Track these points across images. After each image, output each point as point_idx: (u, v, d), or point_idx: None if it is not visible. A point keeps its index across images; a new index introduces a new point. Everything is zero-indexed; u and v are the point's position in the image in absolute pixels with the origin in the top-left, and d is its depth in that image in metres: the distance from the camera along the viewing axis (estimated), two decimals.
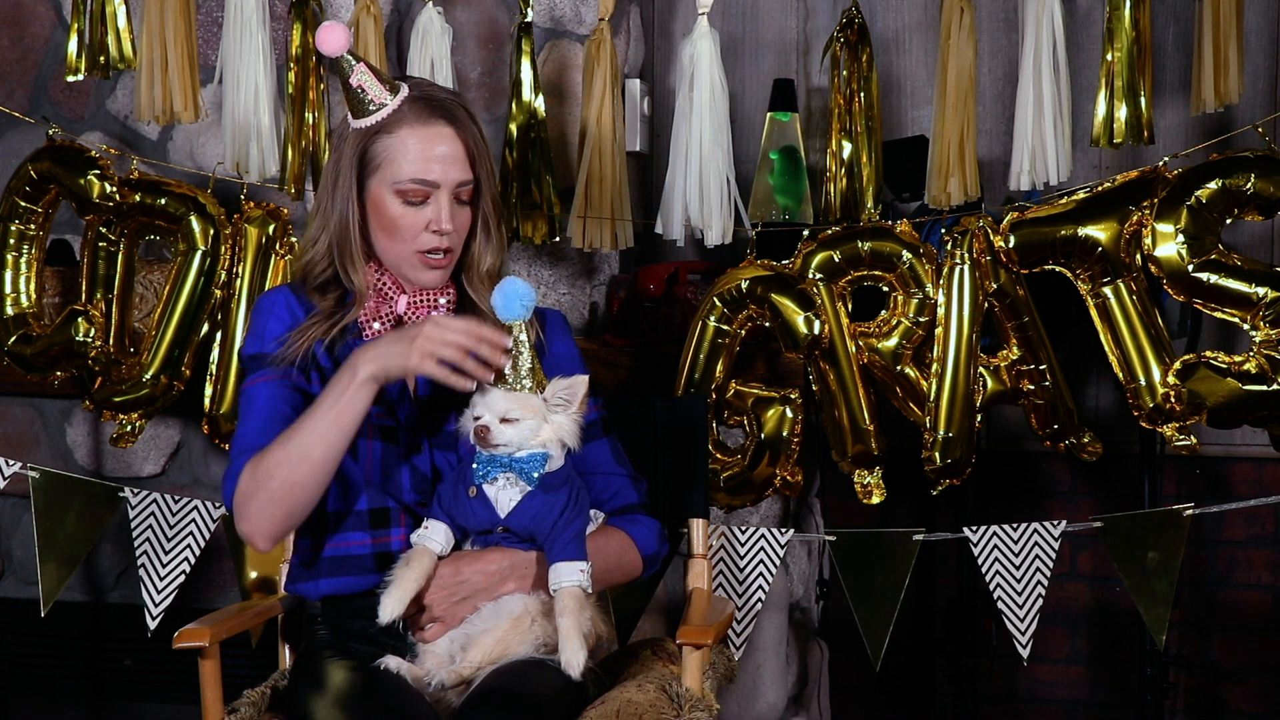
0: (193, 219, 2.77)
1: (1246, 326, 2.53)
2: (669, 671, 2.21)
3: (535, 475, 2.02)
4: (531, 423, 2.00)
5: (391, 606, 2.00)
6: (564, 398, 2.03)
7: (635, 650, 2.33)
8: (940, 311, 2.61)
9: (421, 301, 2.16)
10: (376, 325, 2.14)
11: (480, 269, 2.18)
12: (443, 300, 2.17)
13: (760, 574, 2.67)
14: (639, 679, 2.15)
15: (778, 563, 2.67)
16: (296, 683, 2.14)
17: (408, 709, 1.96)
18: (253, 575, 2.76)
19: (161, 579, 2.71)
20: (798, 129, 3.02)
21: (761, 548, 2.68)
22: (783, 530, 2.68)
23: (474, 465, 2.03)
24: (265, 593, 2.72)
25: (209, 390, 2.78)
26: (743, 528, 2.68)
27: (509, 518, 2.03)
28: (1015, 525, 2.62)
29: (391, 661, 2.04)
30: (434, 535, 2.06)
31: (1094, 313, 2.59)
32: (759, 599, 2.66)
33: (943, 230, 2.65)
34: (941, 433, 2.61)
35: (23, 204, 2.81)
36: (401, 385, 2.14)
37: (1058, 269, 2.61)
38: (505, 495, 2.03)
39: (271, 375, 2.10)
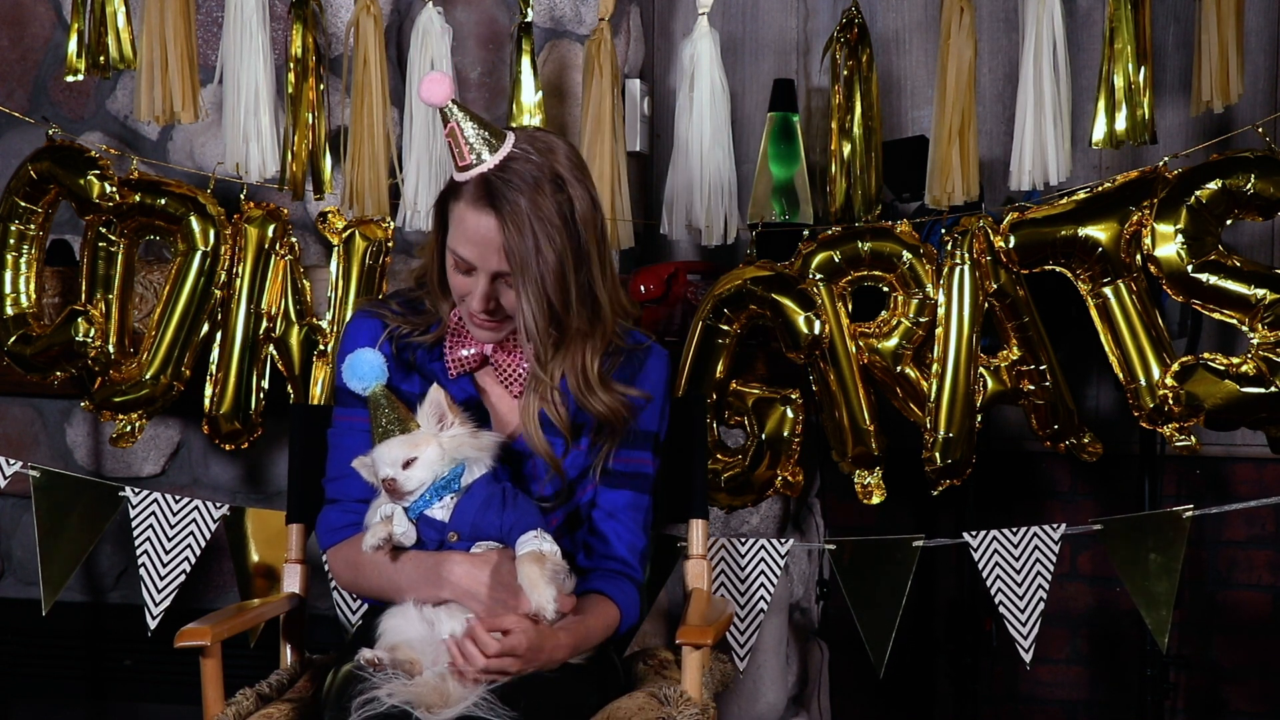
0: (193, 219, 2.76)
1: (1245, 328, 2.53)
2: (661, 679, 2.21)
3: (458, 485, 2.06)
4: (431, 451, 2.04)
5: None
6: (434, 416, 2.07)
7: (628, 664, 2.33)
8: (940, 312, 2.61)
9: (506, 341, 2.19)
10: (463, 353, 2.19)
11: (549, 380, 2.16)
12: (525, 345, 2.18)
13: (762, 584, 2.67)
14: (629, 690, 2.16)
15: (779, 571, 2.67)
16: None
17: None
18: (255, 566, 2.75)
19: (161, 579, 2.70)
20: (798, 129, 3.02)
21: (762, 558, 2.68)
22: (782, 540, 2.68)
23: (410, 513, 2.07)
24: (267, 581, 2.71)
25: (209, 390, 2.78)
26: (742, 540, 2.68)
27: (452, 522, 2.06)
28: (1015, 529, 2.62)
29: (366, 653, 2.03)
30: (397, 517, 2.09)
31: (1094, 313, 2.59)
32: (761, 608, 2.66)
33: (943, 230, 2.65)
34: (942, 433, 2.61)
35: (23, 204, 2.81)
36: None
37: (1058, 269, 2.61)
38: (441, 512, 2.07)
39: (359, 417, 2.18)
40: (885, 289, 2.66)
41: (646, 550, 2.23)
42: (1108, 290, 2.57)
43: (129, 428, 2.82)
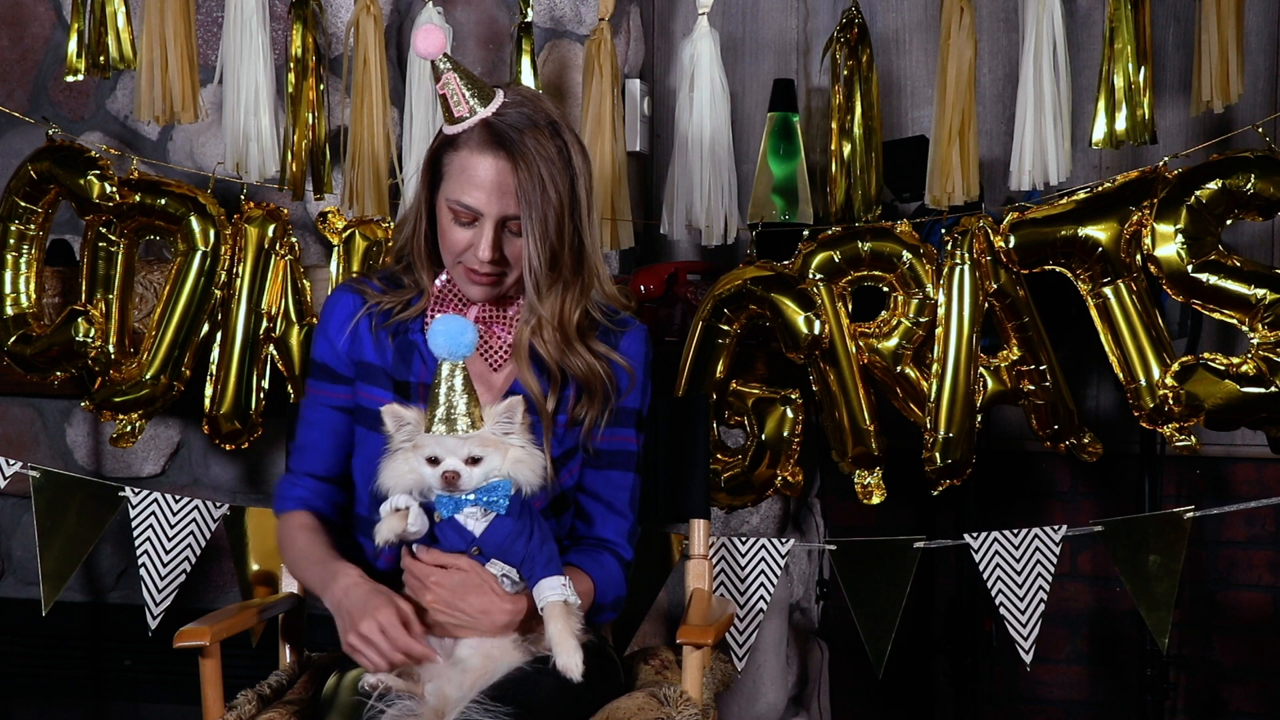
0: (193, 219, 2.76)
1: (1245, 328, 2.53)
2: (662, 679, 2.21)
3: (501, 501, 2.02)
4: (495, 457, 2.00)
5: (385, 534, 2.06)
6: (504, 421, 2.02)
7: (628, 663, 2.33)
8: (940, 312, 2.61)
9: (493, 315, 2.18)
10: None
11: (535, 312, 2.14)
12: (510, 315, 2.18)
13: (762, 583, 2.67)
14: (629, 690, 2.16)
15: (779, 571, 2.67)
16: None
17: None
18: (255, 568, 2.75)
19: (161, 579, 2.70)
20: (798, 129, 3.02)
21: (763, 557, 2.68)
22: (782, 540, 2.68)
23: (437, 506, 2.03)
24: (267, 587, 2.71)
25: (209, 390, 2.78)
26: (742, 539, 2.68)
27: (483, 537, 2.02)
28: (1016, 530, 2.62)
29: (370, 679, 2.03)
30: (413, 510, 2.06)
31: (1094, 313, 2.59)
32: (761, 608, 2.66)
33: (943, 230, 2.65)
34: (942, 433, 2.61)
35: (23, 204, 2.81)
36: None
37: (1058, 269, 2.61)
38: (472, 522, 2.03)
39: (328, 392, 2.21)
40: (885, 289, 2.66)
41: (634, 529, 2.23)
42: (1108, 290, 2.57)
43: (129, 428, 2.82)
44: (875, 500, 2.69)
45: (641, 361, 2.23)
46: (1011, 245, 2.59)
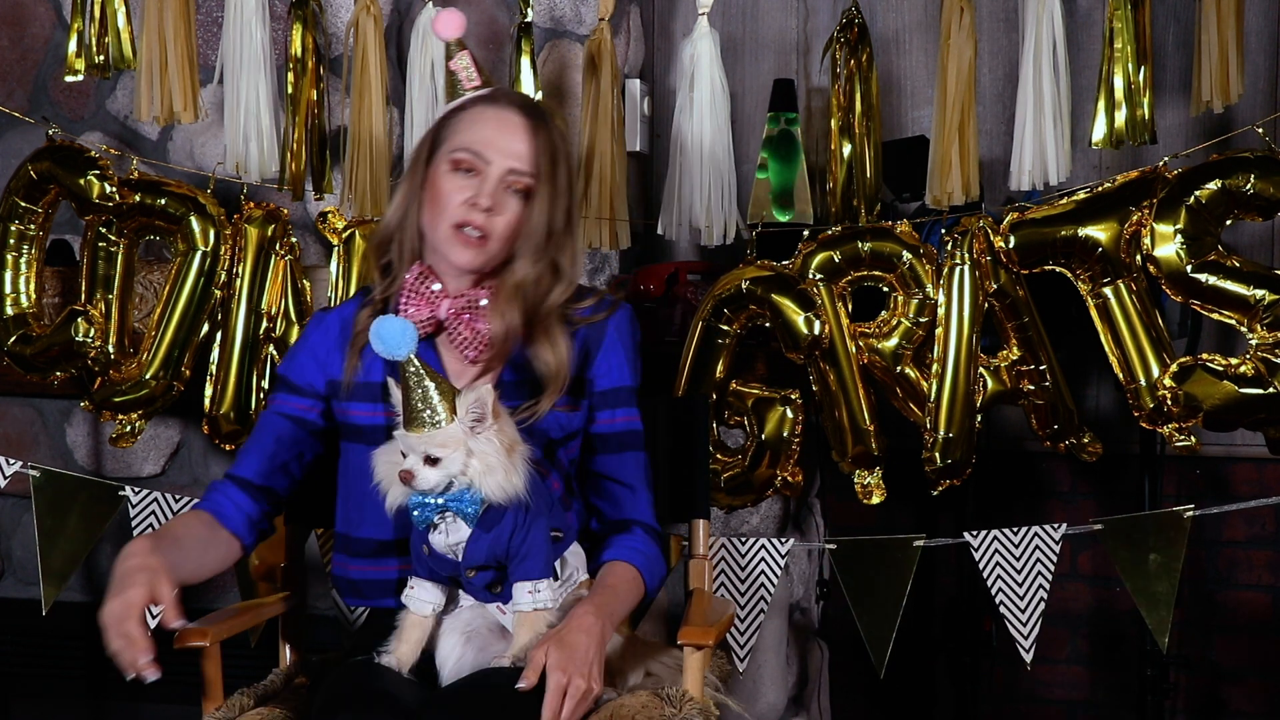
0: (193, 219, 2.77)
1: (1244, 329, 2.53)
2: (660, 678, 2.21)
3: (468, 513, 1.96)
4: (456, 456, 1.93)
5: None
6: (475, 412, 1.95)
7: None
8: (940, 312, 2.61)
9: (463, 307, 2.13)
10: (419, 315, 2.12)
11: (511, 278, 2.12)
12: (484, 303, 2.14)
13: (762, 584, 2.67)
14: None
15: (779, 571, 2.67)
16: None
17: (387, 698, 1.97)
18: (255, 559, 2.75)
19: None
20: (798, 129, 3.02)
21: (763, 558, 2.68)
22: (782, 540, 2.68)
23: (412, 512, 1.98)
24: (268, 581, 2.71)
25: (209, 390, 2.78)
26: (742, 539, 2.68)
27: (465, 560, 1.99)
28: (1015, 529, 2.62)
29: (388, 658, 2.03)
30: (422, 595, 2.04)
31: (1094, 313, 2.59)
32: (761, 608, 2.66)
33: (943, 230, 2.65)
34: (942, 433, 2.61)
35: (23, 204, 2.81)
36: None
37: (1058, 269, 2.61)
38: (454, 537, 1.98)
39: (280, 400, 2.18)
40: (885, 289, 2.66)
41: (653, 498, 2.20)
42: (1108, 290, 2.57)
43: (129, 428, 2.82)
44: (875, 500, 2.69)
45: (630, 340, 2.22)
46: (1011, 245, 2.59)
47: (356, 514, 2.16)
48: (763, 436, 2.68)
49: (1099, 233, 2.55)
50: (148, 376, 2.78)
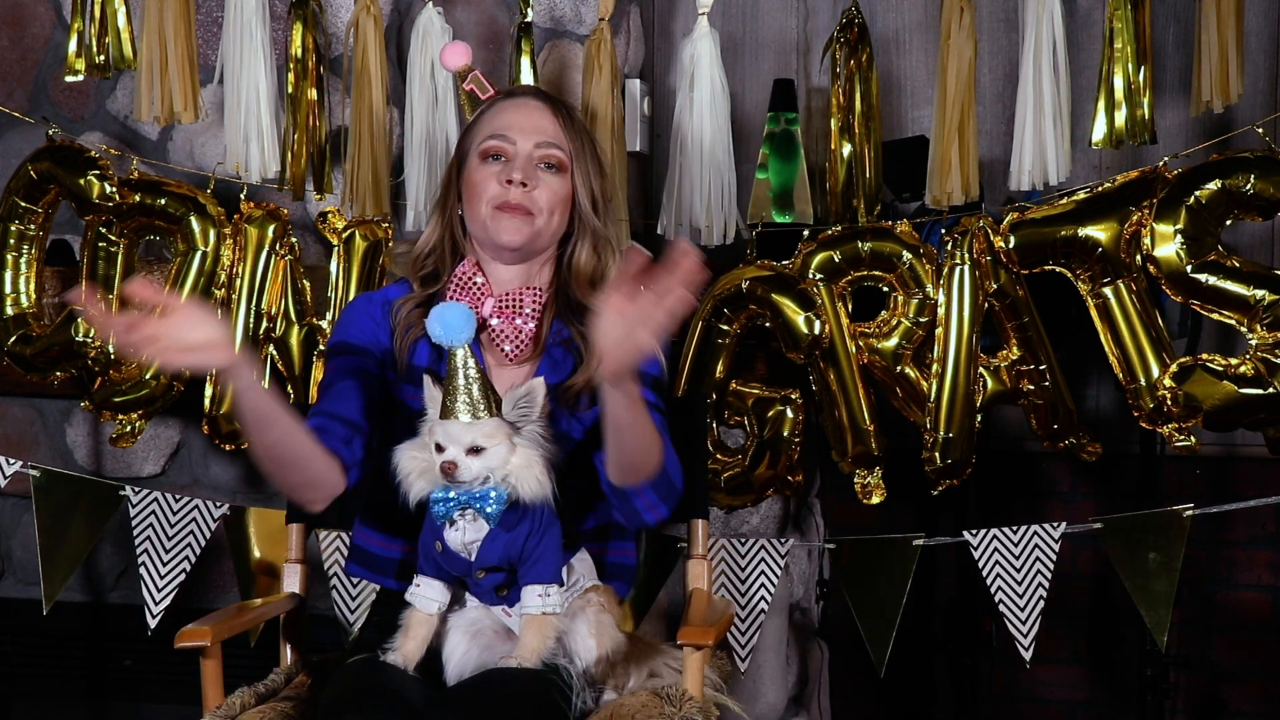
0: (193, 219, 2.77)
1: (1244, 329, 2.53)
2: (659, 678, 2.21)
3: (490, 511, 1.96)
4: (500, 449, 1.94)
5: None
6: (523, 407, 1.96)
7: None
8: (940, 312, 2.61)
9: (506, 305, 2.16)
10: None
11: (580, 270, 2.19)
12: (528, 307, 2.16)
13: (762, 584, 2.67)
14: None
15: (779, 571, 2.67)
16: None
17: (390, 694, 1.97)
18: (255, 559, 2.75)
19: (161, 579, 2.70)
20: (798, 129, 3.02)
21: (763, 558, 2.68)
22: (782, 540, 2.68)
23: (432, 505, 1.98)
24: (268, 581, 2.71)
25: (209, 390, 2.78)
26: (742, 539, 2.68)
27: (478, 560, 1.99)
28: (1015, 528, 2.62)
29: (393, 655, 2.03)
30: (428, 593, 2.03)
31: (1094, 313, 2.59)
32: (761, 608, 2.66)
33: (943, 230, 2.65)
34: (942, 433, 2.61)
35: (23, 204, 2.81)
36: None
37: (1058, 269, 2.61)
38: (470, 536, 1.98)
39: (344, 361, 2.17)
40: (885, 289, 2.66)
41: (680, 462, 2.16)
42: (1108, 290, 2.57)
43: (129, 428, 2.82)
44: (875, 500, 2.69)
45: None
46: (1011, 245, 2.59)
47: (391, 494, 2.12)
48: (763, 436, 2.68)
49: (1099, 233, 2.55)
50: (148, 376, 2.78)
